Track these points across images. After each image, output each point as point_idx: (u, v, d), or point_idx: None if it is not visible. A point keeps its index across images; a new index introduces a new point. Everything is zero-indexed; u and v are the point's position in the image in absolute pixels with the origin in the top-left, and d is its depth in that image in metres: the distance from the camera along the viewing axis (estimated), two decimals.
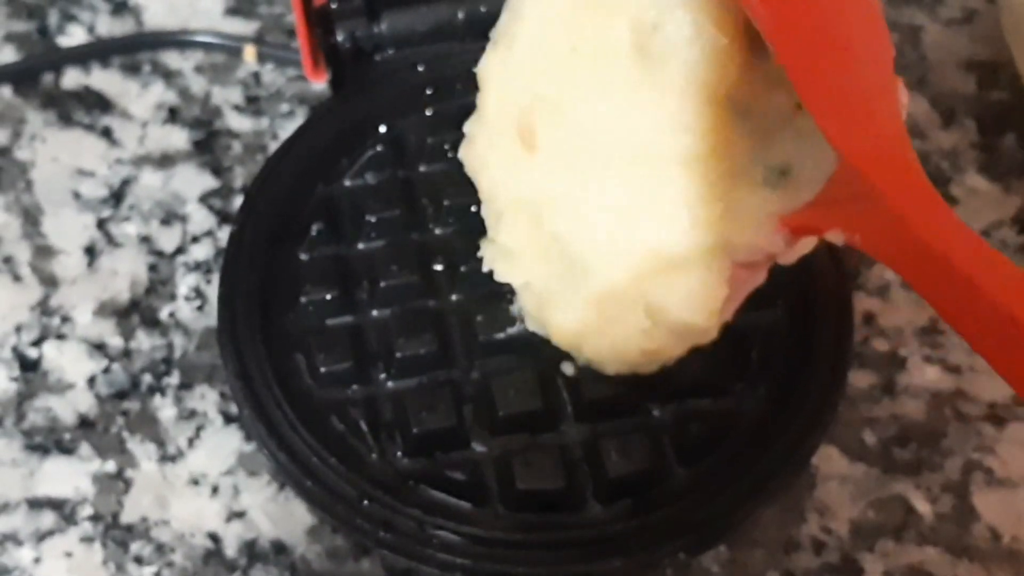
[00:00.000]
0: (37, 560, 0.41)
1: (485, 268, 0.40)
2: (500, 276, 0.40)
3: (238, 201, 0.48)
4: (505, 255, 0.40)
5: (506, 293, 0.41)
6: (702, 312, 0.38)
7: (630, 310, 0.38)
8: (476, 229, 0.41)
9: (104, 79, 0.53)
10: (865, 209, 0.33)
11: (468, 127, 0.40)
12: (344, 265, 0.42)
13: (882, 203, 0.33)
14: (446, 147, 0.44)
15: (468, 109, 0.44)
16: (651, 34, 0.37)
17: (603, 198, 0.38)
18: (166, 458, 0.43)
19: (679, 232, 0.37)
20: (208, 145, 0.51)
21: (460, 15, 0.45)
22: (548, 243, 0.39)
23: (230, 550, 0.41)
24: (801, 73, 0.34)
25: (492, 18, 0.45)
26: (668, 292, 0.38)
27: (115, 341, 0.46)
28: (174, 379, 0.45)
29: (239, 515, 0.42)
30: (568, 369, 0.40)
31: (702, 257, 0.37)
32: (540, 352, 0.40)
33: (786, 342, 0.41)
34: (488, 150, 0.40)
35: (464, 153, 0.40)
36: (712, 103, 0.37)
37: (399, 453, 0.39)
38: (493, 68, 0.40)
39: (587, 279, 0.39)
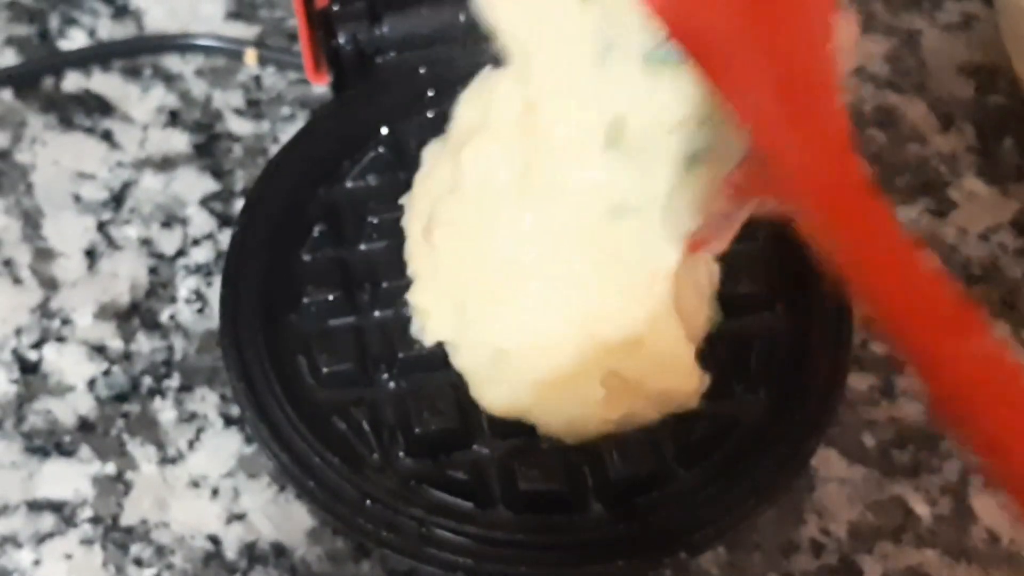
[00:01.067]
0: (37, 562, 0.41)
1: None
2: (415, 333, 0.41)
3: (239, 204, 0.48)
4: (422, 313, 0.41)
5: None
6: (679, 375, 0.38)
7: (581, 386, 0.38)
8: None
9: (105, 83, 0.53)
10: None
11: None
12: (346, 266, 0.42)
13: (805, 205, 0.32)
14: None
15: None
16: (525, 174, 0.38)
17: (516, 306, 0.39)
18: (166, 460, 0.43)
19: (617, 322, 0.38)
20: (209, 148, 0.51)
21: (462, 18, 0.45)
22: (469, 328, 0.40)
23: (230, 552, 0.41)
24: (711, 68, 0.32)
25: None
26: (631, 365, 0.38)
27: (115, 343, 0.46)
28: (174, 381, 0.45)
29: (239, 517, 0.42)
30: None
31: (651, 325, 0.38)
32: None
33: (785, 344, 0.41)
34: (409, 225, 0.42)
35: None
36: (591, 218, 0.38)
37: (401, 454, 0.39)
38: (429, 150, 0.42)
39: (519, 367, 0.39)
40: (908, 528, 0.42)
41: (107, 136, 0.51)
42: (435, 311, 0.40)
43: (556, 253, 0.38)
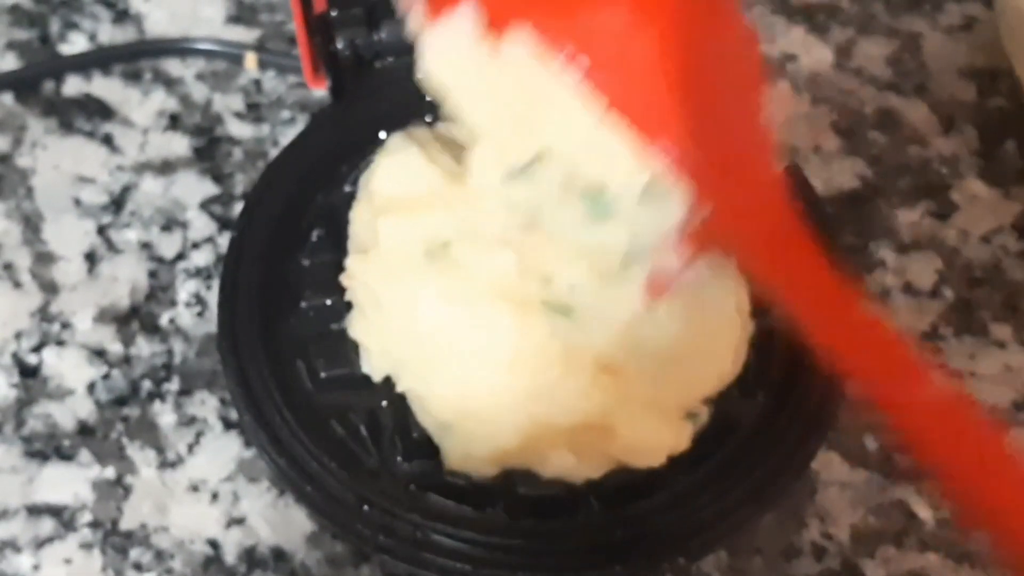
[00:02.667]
0: (36, 567, 0.41)
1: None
2: (363, 367, 0.41)
3: (239, 208, 0.48)
4: (363, 348, 0.41)
5: None
6: (666, 445, 0.38)
7: (545, 455, 0.38)
8: None
9: (105, 87, 0.53)
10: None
11: None
12: (344, 271, 0.42)
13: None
14: None
15: None
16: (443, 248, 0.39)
17: (445, 382, 0.39)
18: (165, 464, 0.43)
19: (565, 408, 0.38)
20: (209, 152, 0.51)
21: None
22: (407, 393, 0.40)
23: (229, 557, 0.41)
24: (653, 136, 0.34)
25: None
26: (604, 443, 0.38)
27: (115, 347, 0.46)
28: (174, 385, 0.45)
29: (238, 521, 0.42)
30: None
31: (617, 414, 0.38)
32: None
33: (784, 346, 0.40)
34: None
35: None
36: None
37: (399, 458, 0.39)
38: (363, 179, 0.43)
39: (466, 441, 0.38)
40: (910, 532, 0.42)
41: (107, 140, 0.51)
42: (373, 349, 0.40)
43: (478, 334, 0.38)
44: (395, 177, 0.41)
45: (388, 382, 0.40)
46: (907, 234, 0.49)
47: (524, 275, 0.38)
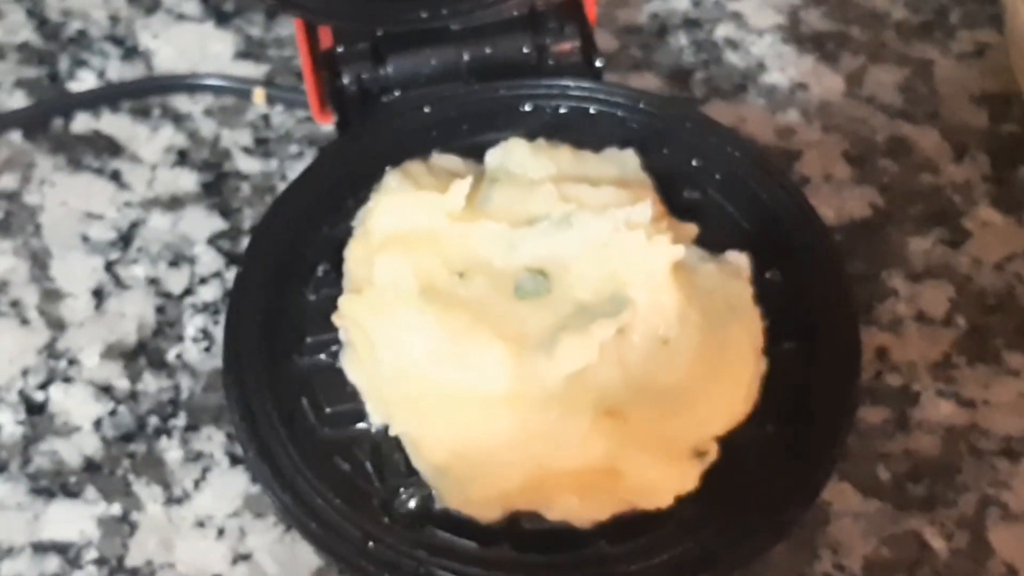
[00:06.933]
0: None
1: None
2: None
3: (247, 242, 0.48)
4: (359, 390, 0.40)
5: None
6: (656, 493, 0.37)
7: (546, 498, 0.37)
8: None
9: (114, 123, 0.53)
10: None
11: None
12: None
13: None
14: None
15: (473, 150, 0.45)
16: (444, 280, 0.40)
17: (435, 425, 0.38)
18: (172, 500, 0.43)
19: (566, 455, 0.37)
20: (217, 187, 0.51)
21: (465, 57, 0.45)
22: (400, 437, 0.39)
23: None
24: None
25: (496, 60, 0.46)
26: (611, 486, 0.38)
27: (122, 383, 0.45)
28: (180, 421, 0.45)
29: (245, 557, 0.42)
30: None
31: (621, 458, 0.37)
32: None
33: (793, 377, 0.40)
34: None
35: None
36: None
37: (404, 494, 0.38)
38: (361, 212, 0.43)
39: (462, 485, 0.38)
40: (924, 562, 0.41)
41: (115, 176, 0.51)
42: (367, 390, 0.40)
43: (472, 373, 0.38)
44: (392, 215, 0.41)
45: None
46: (919, 262, 0.48)
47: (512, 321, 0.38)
